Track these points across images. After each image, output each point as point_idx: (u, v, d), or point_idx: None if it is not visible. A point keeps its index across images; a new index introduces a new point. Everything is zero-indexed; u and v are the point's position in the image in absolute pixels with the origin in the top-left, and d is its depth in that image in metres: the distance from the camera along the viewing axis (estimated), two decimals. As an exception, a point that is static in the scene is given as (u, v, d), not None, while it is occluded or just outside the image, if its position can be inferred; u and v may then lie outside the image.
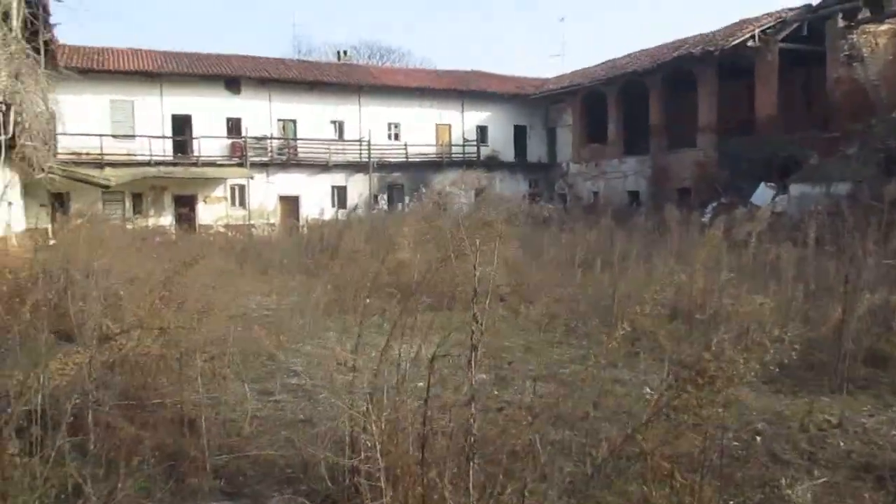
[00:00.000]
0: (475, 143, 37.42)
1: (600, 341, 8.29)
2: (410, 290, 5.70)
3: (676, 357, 6.13)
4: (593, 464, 4.16)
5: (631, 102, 32.86)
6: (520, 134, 39.11)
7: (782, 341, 2.95)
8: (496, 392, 6.44)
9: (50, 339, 6.93)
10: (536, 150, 39.29)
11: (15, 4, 14.80)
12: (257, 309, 11.00)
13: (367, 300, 4.11)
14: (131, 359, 4.69)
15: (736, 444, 5.02)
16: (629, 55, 34.68)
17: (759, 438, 5.17)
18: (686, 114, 29.77)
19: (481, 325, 3.00)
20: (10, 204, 21.05)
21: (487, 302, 3.07)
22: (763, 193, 24.20)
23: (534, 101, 38.36)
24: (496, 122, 38.39)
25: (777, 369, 3.27)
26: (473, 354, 2.95)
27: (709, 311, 7.60)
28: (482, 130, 38.08)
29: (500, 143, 38.39)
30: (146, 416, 4.50)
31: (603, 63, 36.27)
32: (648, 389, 6.37)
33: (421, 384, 3.39)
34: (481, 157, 37.19)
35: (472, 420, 2.90)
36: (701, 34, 30.05)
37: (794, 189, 23.20)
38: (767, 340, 2.90)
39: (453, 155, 37.12)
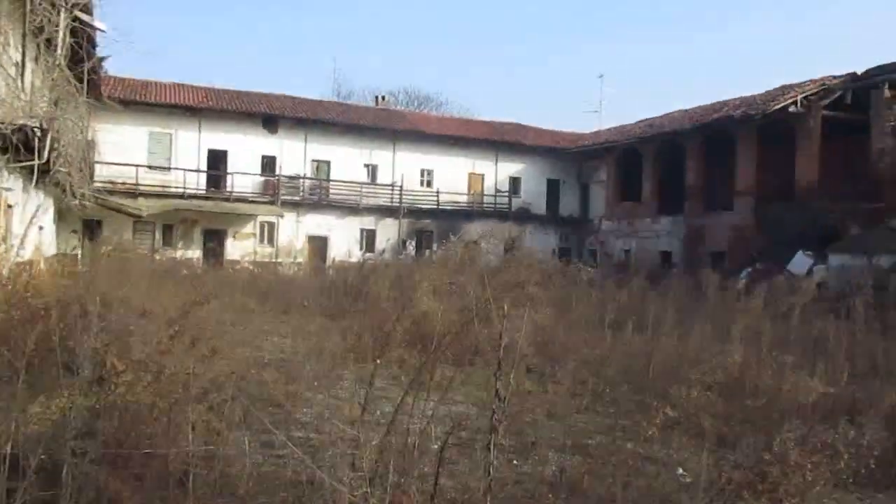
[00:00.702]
0: (507, 194, 37.23)
1: (630, 410, 7.81)
2: (431, 342, 5.29)
3: (715, 439, 5.58)
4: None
5: (667, 162, 32.51)
6: (553, 188, 38.86)
7: (859, 445, 2.50)
8: (515, 462, 5.97)
9: (50, 375, 6.64)
10: (569, 205, 38.96)
11: (60, 34, 14.97)
12: (273, 351, 10.63)
13: (378, 361, 3.69)
14: (120, 404, 4.32)
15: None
16: (667, 115, 34.46)
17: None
18: (724, 176, 29.27)
19: (504, 402, 2.59)
20: (41, 228, 21.14)
21: (513, 374, 2.66)
22: (800, 261, 23.51)
23: (569, 156, 38.19)
24: (530, 175, 38.22)
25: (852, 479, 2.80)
26: (493, 436, 2.54)
27: (749, 388, 7.03)
28: (515, 182, 37.93)
29: (533, 195, 38.15)
30: (132, 469, 4.12)
31: (640, 121, 36.09)
32: (681, 471, 5.84)
33: (431, 463, 2.96)
34: (513, 209, 36.94)
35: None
36: (742, 97, 29.74)
37: (834, 259, 22.50)
38: (840, 444, 2.45)
39: (485, 205, 36.95)
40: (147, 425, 4.37)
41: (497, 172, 37.56)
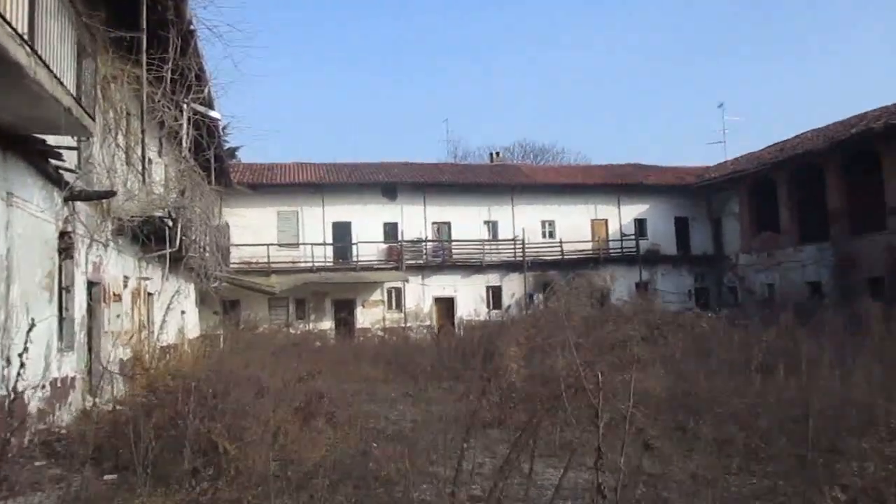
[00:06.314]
0: (633, 237, 35.91)
1: (790, 469, 6.83)
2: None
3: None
4: None
5: (804, 186, 30.22)
6: (681, 226, 37.18)
7: None
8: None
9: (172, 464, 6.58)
10: (701, 243, 37.08)
11: (184, 127, 15.88)
12: (394, 421, 10.32)
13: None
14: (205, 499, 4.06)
15: None
16: (799, 136, 32.35)
17: None
18: (871, 194, 26.69)
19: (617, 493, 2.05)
20: (183, 312, 22.24)
21: (622, 456, 2.12)
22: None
23: (695, 191, 36.52)
24: (655, 215, 36.80)
25: None
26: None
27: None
28: (640, 224, 36.59)
29: (661, 236, 36.63)
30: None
31: (770, 146, 34.08)
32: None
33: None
34: (641, 252, 35.53)
35: None
36: (882, 107, 27.39)
37: None
38: None
39: (611, 250, 35.81)
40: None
41: (621, 216, 36.42)
